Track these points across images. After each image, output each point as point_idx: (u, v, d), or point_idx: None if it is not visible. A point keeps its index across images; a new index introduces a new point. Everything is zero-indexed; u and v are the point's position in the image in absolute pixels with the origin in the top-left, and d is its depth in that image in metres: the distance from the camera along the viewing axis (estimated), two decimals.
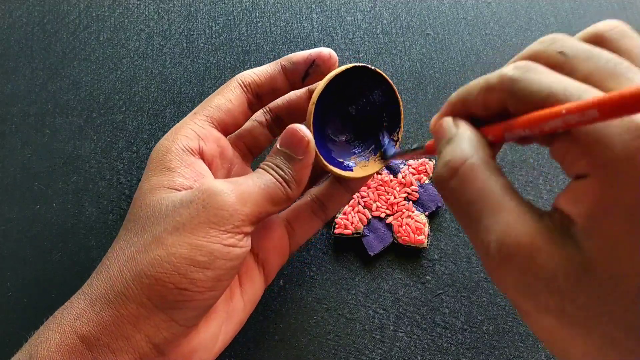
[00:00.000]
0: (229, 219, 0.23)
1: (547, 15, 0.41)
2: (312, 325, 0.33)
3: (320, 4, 0.41)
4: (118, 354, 0.22)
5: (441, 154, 0.20)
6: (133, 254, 0.23)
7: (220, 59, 0.39)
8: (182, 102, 0.38)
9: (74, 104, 0.38)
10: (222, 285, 0.24)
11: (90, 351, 0.22)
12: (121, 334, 0.22)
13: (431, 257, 0.35)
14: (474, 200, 0.18)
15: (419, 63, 0.40)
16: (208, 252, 0.22)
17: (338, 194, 0.30)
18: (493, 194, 0.18)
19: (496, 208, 0.17)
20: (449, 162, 0.19)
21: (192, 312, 0.23)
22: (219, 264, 0.23)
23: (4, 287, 0.34)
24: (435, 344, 0.33)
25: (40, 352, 0.22)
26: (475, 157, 0.18)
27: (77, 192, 0.36)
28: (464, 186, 0.18)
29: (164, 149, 0.26)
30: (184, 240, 0.22)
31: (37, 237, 0.35)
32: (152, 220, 0.23)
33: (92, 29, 0.40)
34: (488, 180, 0.18)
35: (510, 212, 0.17)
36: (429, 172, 0.36)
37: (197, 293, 0.22)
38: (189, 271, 0.22)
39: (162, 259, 0.22)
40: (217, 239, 0.23)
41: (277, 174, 0.25)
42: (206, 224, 0.23)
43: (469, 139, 0.19)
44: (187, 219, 0.23)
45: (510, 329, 0.33)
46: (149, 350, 0.23)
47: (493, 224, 0.17)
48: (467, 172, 0.18)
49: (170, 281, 0.22)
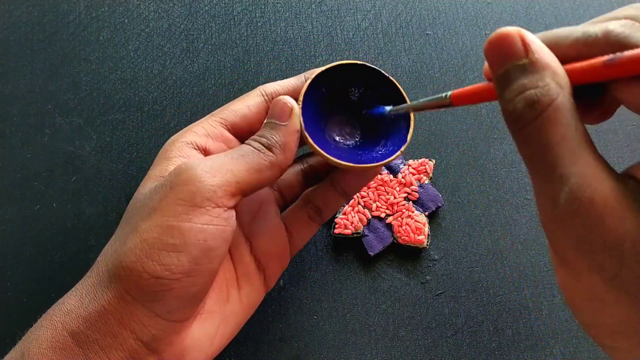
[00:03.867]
0: (196, 192, 0.21)
1: (547, 15, 0.41)
2: (312, 325, 0.33)
3: (320, 4, 0.41)
4: (108, 351, 0.22)
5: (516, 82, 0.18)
6: (115, 248, 0.23)
7: (220, 59, 0.39)
8: (182, 102, 0.38)
9: (74, 104, 0.38)
10: (202, 271, 0.22)
11: (81, 348, 0.22)
12: (108, 331, 0.22)
13: (431, 257, 0.35)
14: (553, 145, 0.17)
15: (419, 63, 0.40)
16: (179, 232, 0.21)
17: (333, 197, 0.29)
18: (574, 142, 0.16)
19: (575, 158, 0.16)
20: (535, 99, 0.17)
21: (173, 302, 0.22)
22: (193, 245, 0.21)
23: (4, 287, 0.34)
24: (435, 344, 0.33)
25: (32, 349, 0.22)
26: (562, 97, 0.17)
27: (77, 192, 0.36)
28: (546, 129, 0.17)
29: (170, 142, 0.26)
30: (154, 224, 0.21)
31: (37, 237, 0.35)
32: (134, 211, 0.23)
33: (92, 29, 0.40)
34: (570, 126, 0.17)
35: (589, 166, 0.16)
36: (429, 172, 0.36)
37: (175, 281, 0.21)
38: (161, 256, 0.21)
39: (136, 247, 0.21)
40: (187, 217, 0.21)
41: (259, 142, 0.24)
42: (174, 203, 0.21)
43: (559, 73, 0.17)
44: (157, 202, 0.22)
45: (510, 329, 0.33)
46: (138, 348, 0.22)
47: (568, 174, 0.16)
48: (553, 113, 0.17)
49: (145, 270, 0.21)
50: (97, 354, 0.22)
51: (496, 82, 0.19)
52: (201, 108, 0.38)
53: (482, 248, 0.35)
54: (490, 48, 0.18)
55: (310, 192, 0.30)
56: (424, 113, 0.38)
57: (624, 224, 0.16)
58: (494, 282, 0.34)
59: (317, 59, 0.40)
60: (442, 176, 0.37)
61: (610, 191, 0.16)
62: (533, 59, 0.17)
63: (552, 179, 0.17)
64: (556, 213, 0.17)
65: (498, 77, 0.18)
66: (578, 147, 0.17)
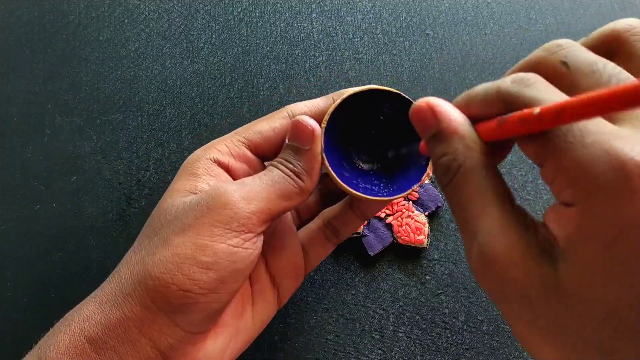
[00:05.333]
0: (233, 217, 0.22)
1: (547, 15, 0.41)
2: (312, 325, 0.33)
3: (320, 4, 0.41)
4: (124, 358, 0.22)
5: (434, 150, 0.19)
6: (143, 257, 0.23)
7: (220, 59, 0.39)
8: (182, 102, 0.38)
9: (74, 104, 0.38)
10: (227, 289, 0.23)
11: (98, 354, 0.22)
12: (127, 338, 0.22)
13: (431, 257, 0.35)
14: (464, 204, 0.18)
15: (418, 63, 0.40)
16: (212, 252, 0.22)
17: (351, 219, 0.29)
18: (482, 200, 0.18)
19: (482, 215, 0.18)
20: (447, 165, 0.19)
21: (195, 316, 0.23)
22: (223, 265, 0.22)
23: (4, 287, 0.34)
24: (435, 344, 0.33)
25: (49, 354, 0.22)
26: (469, 159, 0.18)
27: (77, 192, 0.36)
28: (458, 190, 0.18)
29: (195, 158, 0.26)
30: (189, 240, 0.22)
31: (37, 237, 0.35)
32: (163, 223, 0.24)
33: (92, 29, 0.40)
34: (480, 184, 0.18)
35: (494, 221, 0.17)
36: (429, 172, 0.36)
37: (200, 295, 0.22)
38: (192, 272, 0.22)
39: (167, 260, 0.22)
40: (222, 238, 0.22)
41: (287, 167, 0.25)
42: (211, 224, 0.22)
43: (467, 136, 0.19)
44: (193, 220, 0.23)
45: (510, 328, 0.33)
46: (154, 356, 0.22)
47: (476, 231, 0.18)
48: (461, 176, 0.18)
49: (174, 282, 0.22)
50: None
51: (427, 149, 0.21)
52: (201, 108, 0.38)
53: None
54: (413, 120, 0.21)
55: (328, 211, 0.30)
56: None
57: (529, 276, 0.16)
58: None
59: (317, 59, 0.40)
60: None
61: (515, 243, 0.17)
62: (441, 128, 0.19)
63: (467, 235, 0.18)
64: (473, 266, 0.18)
65: (425, 145, 0.20)
66: (486, 203, 0.18)
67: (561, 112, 0.15)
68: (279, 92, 0.39)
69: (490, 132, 0.18)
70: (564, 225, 0.16)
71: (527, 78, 0.18)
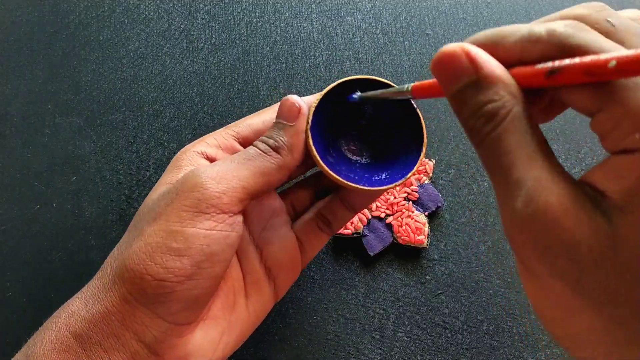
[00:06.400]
0: (201, 199, 0.22)
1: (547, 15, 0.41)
2: (312, 325, 0.33)
3: (320, 4, 0.41)
4: (110, 353, 0.22)
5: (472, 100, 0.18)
6: (122, 251, 0.23)
7: (220, 59, 0.39)
8: (182, 102, 0.38)
9: (74, 104, 0.38)
10: (205, 275, 0.22)
11: (84, 349, 0.22)
12: (111, 332, 0.22)
13: (431, 257, 0.35)
14: (510, 152, 0.17)
15: (418, 63, 0.40)
16: (183, 237, 0.22)
17: (341, 211, 0.29)
18: (530, 148, 0.17)
19: (531, 162, 0.17)
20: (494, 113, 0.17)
21: (175, 305, 0.22)
22: (197, 249, 0.22)
23: (4, 287, 0.34)
24: (435, 344, 0.33)
25: (36, 351, 0.22)
26: (517, 106, 0.17)
27: (77, 192, 0.36)
28: (504, 138, 0.17)
29: (182, 151, 0.26)
30: (159, 228, 0.22)
31: (37, 237, 0.35)
32: (141, 217, 0.24)
33: (92, 29, 0.40)
34: (526, 133, 0.17)
35: (544, 169, 0.16)
36: (429, 172, 0.36)
37: (177, 284, 0.22)
38: (165, 260, 0.21)
39: (140, 250, 0.22)
40: (192, 222, 0.22)
41: (266, 143, 0.24)
42: (179, 209, 0.22)
43: (510, 84, 0.17)
44: (164, 207, 0.22)
45: (510, 328, 0.33)
46: (140, 350, 0.22)
47: (525, 178, 0.16)
48: (510, 123, 0.17)
49: (148, 272, 0.21)
50: (100, 356, 0.22)
51: (451, 101, 0.19)
52: (201, 108, 0.38)
53: (482, 248, 0.35)
54: (438, 68, 0.18)
55: (320, 203, 0.30)
56: (423, 112, 0.38)
57: (581, 227, 0.15)
58: (494, 282, 0.34)
59: (317, 59, 0.40)
60: (442, 176, 0.37)
61: (566, 195, 0.16)
62: (483, 75, 0.17)
63: (510, 184, 0.17)
64: (515, 218, 0.17)
65: (452, 97, 0.18)
66: (534, 152, 0.17)
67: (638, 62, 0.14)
68: (279, 92, 0.39)
69: (533, 80, 0.17)
70: (622, 176, 0.15)
71: (580, 24, 0.17)
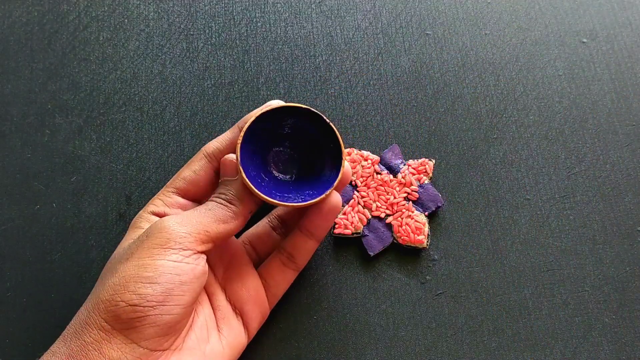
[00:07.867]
0: (169, 238, 0.25)
1: (547, 15, 0.41)
2: (312, 325, 0.33)
3: (320, 4, 0.41)
4: None
5: None
6: (95, 291, 0.26)
7: (220, 59, 0.39)
8: (182, 102, 0.38)
9: (73, 104, 0.38)
10: (175, 301, 0.25)
11: None
12: None
13: (431, 257, 0.35)
14: None
15: (418, 63, 0.40)
16: (153, 267, 0.24)
17: (302, 241, 0.31)
18: None
19: None
20: None
21: (149, 330, 0.24)
22: (167, 277, 0.24)
23: (3, 287, 0.34)
24: (435, 344, 0.33)
25: None
26: None
27: (77, 192, 0.36)
28: None
29: (137, 216, 0.30)
30: (132, 264, 0.25)
31: (37, 237, 0.35)
32: (113, 263, 0.26)
33: (92, 29, 0.40)
34: None
35: None
36: (429, 172, 0.36)
37: (149, 308, 0.24)
38: (137, 287, 0.24)
39: (114, 283, 0.24)
40: (161, 255, 0.25)
41: (220, 197, 0.28)
42: (150, 247, 0.25)
43: None
44: (134, 248, 0.25)
45: (510, 329, 0.33)
46: None
47: None
48: None
49: (122, 299, 0.24)
50: None
51: None
52: (201, 108, 0.38)
53: (482, 248, 0.35)
54: None
55: (282, 240, 0.32)
56: (423, 112, 0.38)
57: None
58: (494, 282, 0.34)
59: (317, 59, 0.40)
60: (442, 176, 0.37)
61: None
62: None
63: None
64: None
65: None
66: None
67: None
68: (279, 92, 0.39)
69: None
70: None
71: None
